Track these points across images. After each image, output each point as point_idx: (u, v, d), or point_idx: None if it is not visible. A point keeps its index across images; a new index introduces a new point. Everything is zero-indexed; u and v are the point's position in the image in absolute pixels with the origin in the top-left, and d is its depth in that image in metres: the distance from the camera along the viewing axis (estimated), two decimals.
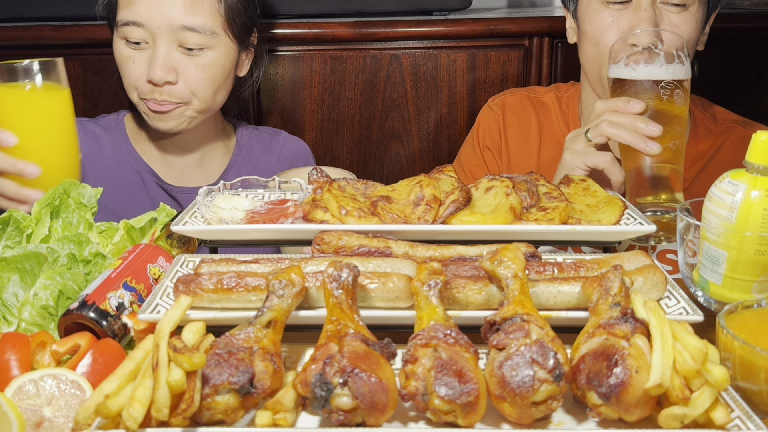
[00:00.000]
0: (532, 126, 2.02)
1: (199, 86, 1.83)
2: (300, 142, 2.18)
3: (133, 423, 0.85)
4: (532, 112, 2.03)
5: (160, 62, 1.77)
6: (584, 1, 1.83)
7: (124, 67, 1.83)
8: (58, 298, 1.19)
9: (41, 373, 1.01)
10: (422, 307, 1.00)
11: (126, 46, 1.81)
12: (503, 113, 2.05)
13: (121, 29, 1.80)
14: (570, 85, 2.07)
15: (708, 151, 1.90)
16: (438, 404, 0.89)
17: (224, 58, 1.86)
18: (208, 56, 1.82)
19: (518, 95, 2.07)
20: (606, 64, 1.79)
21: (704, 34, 1.83)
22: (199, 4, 1.79)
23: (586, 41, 1.85)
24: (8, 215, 1.33)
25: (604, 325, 0.96)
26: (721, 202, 1.15)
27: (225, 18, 1.83)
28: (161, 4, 1.76)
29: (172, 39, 1.78)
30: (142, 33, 1.78)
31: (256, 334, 0.96)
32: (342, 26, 2.36)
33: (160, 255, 1.28)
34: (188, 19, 1.77)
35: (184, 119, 1.87)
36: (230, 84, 1.94)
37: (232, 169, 2.05)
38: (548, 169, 1.98)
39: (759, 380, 0.96)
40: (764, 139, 1.13)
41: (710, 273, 1.19)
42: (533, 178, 1.38)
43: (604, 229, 1.24)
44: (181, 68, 1.80)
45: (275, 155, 2.09)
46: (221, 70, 1.86)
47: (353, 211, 1.24)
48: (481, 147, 2.07)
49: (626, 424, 0.93)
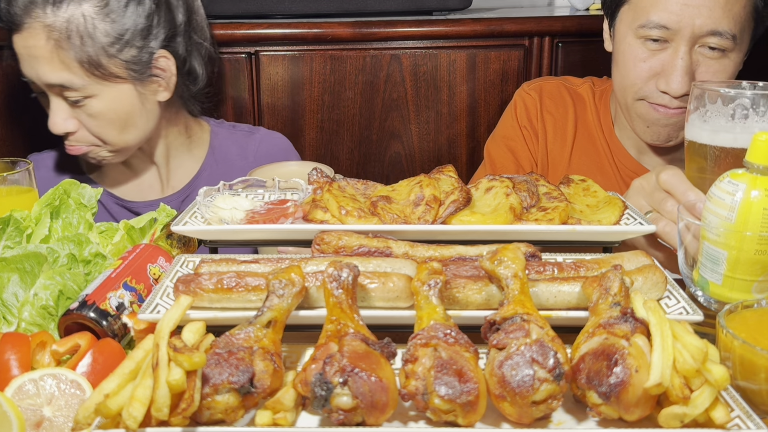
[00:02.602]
0: (568, 114, 2.00)
1: (100, 132, 1.81)
2: (279, 137, 2.14)
3: (133, 422, 0.85)
4: (569, 101, 2.01)
5: (53, 116, 1.79)
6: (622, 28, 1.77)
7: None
8: (58, 298, 1.19)
9: (41, 372, 1.01)
10: (422, 306, 1.00)
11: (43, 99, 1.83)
12: (540, 98, 2.03)
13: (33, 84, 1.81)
14: (604, 80, 2.06)
15: None
16: (438, 404, 0.90)
17: (114, 101, 1.80)
18: (94, 105, 1.78)
19: (555, 83, 2.05)
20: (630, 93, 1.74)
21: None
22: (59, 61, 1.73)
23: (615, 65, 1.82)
24: (8, 215, 1.33)
25: (604, 325, 0.96)
26: (721, 201, 1.15)
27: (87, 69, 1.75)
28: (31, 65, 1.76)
29: (58, 92, 1.78)
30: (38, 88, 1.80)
31: (256, 334, 0.96)
32: (342, 26, 2.36)
33: (160, 255, 1.28)
34: (54, 76, 1.74)
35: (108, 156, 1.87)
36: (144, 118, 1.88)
37: (203, 176, 2.01)
38: (579, 159, 1.97)
39: (759, 380, 0.96)
40: (764, 139, 1.13)
41: (710, 273, 1.18)
42: (533, 179, 1.38)
43: (604, 229, 1.24)
44: (78, 116, 1.80)
45: (251, 155, 2.05)
46: (115, 114, 1.81)
47: (353, 211, 1.24)
48: (520, 126, 2.04)
49: (626, 424, 0.93)
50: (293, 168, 1.71)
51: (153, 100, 1.88)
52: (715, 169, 1.34)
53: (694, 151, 1.39)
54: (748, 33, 1.70)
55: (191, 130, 2.06)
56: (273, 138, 2.12)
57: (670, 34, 1.68)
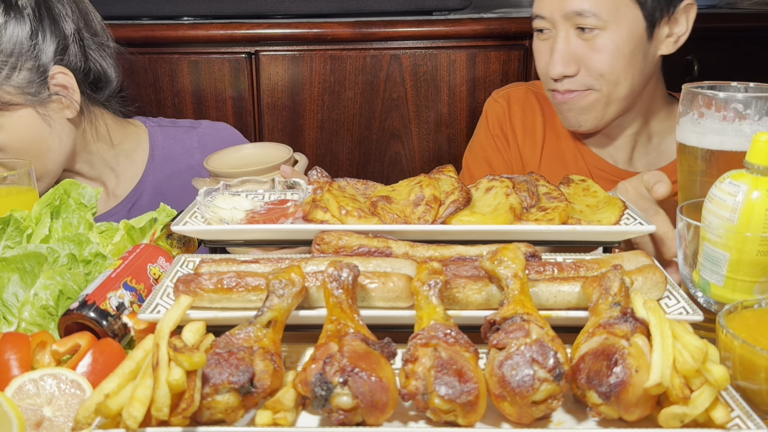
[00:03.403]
0: (536, 119, 2.02)
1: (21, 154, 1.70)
2: (224, 127, 2.04)
3: (133, 422, 0.85)
4: (537, 105, 2.03)
5: None
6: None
7: None
8: (58, 298, 1.19)
9: (41, 372, 1.01)
10: (422, 306, 1.00)
11: None
12: (508, 105, 2.05)
13: None
14: None
15: None
16: (438, 403, 0.90)
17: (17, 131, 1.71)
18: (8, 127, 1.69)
19: (522, 89, 2.07)
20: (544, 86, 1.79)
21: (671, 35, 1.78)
22: None
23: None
24: (8, 215, 1.33)
25: (604, 325, 0.96)
26: (722, 203, 1.15)
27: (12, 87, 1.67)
28: None
29: None
30: None
31: (256, 334, 0.96)
32: (342, 26, 2.37)
33: (160, 255, 1.28)
34: None
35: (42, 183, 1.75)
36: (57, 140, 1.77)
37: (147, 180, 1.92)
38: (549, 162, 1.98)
39: (759, 380, 0.96)
40: (765, 139, 1.13)
41: (711, 274, 1.18)
42: (533, 179, 1.38)
43: (604, 229, 1.24)
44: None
45: (196, 151, 1.96)
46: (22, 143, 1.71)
47: (353, 211, 1.24)
48: (492, 135, 2.07)
49: (626, 424, 0.93)
50: (249, 151, 1.67)
51: (61, 119, 1.77)
52: (705, 170, 1.35)
53: (684, 152, 1.40)
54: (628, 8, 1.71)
55: (124, 136, 1.95)
56: (217, 130, 2.02)
57: (547, 22, 1.76)
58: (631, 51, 1.72)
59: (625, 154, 1.94)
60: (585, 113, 1.80)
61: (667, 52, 1.80)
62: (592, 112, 1.79)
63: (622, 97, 1.78)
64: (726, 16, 2.55)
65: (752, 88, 1.39)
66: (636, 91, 1.79)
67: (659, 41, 1.77)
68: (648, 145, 1.94)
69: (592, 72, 1.74)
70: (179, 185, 1.52)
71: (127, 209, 1.89)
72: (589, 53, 1.72)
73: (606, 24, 1.69)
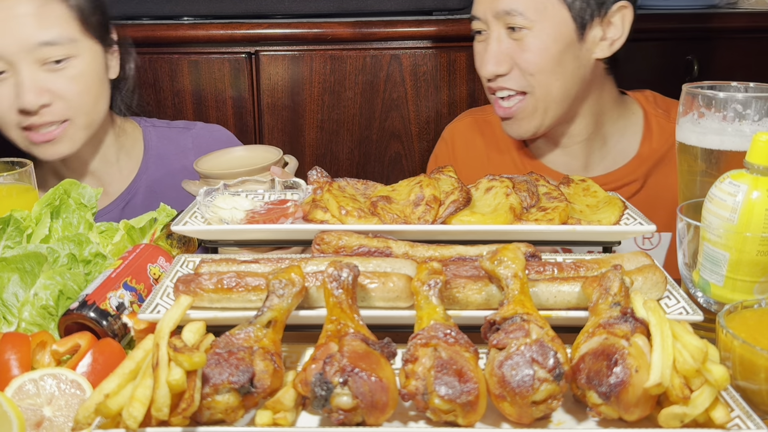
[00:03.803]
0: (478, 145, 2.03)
1: (77, 100, 1.72)
2: (218, 129, 2.05)
3: (133, 422, 0.85)
4: (478, 134, 2.03)
5: (28, 87, 1.65)
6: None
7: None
8: (58, 298, 1.19)
9: (41, 372, 1.01)
10: (422, 306, 1.00)
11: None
12: (453, 142, 2.07)
13: None
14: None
15: (659, 149, 1.88)
16: (438, 403, 0.90)
17: (92, 63, 1.75)
18: (76, 66, 1.71)
19: (467, 120, 2.08)
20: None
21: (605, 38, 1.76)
22: (50, 15, 1.68)
23: None
24: (8, 215, 1.33)
25: (604, 325, 0.96)
26: (722, 203, 1.15)
27: (80, 21, 1.72)
28: (10, 28, 1.64)
29: (33, 59, 1.66)
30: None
31: (256, 334, 0.96)
32: (342, 26, 2.37)
33: (160, 255, 1.28)
34: (43, 33, 1.66)
35: (72, 141, 1.76)
36: (107, 90, 1.82)
37: (141, 179, 1.92)
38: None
39: (759, 380, 0.96)
40: (765, 139, 1.13)
41: (711, 274, 1.18)
42: (533, 179, 1.38)
43: (604, 229, 1.24)
44: (52, 87, 1.69)
45: (190, 152, 1.96)
46: (94, 76, 1.75)
47: (353, 211, 1.24)
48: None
49: (626, 424, 0.93)
50: (240, 153, 1.68)
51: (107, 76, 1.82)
52: (705, 170, 1.35)
53: (684, 152, 1.40)
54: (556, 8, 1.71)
55: (124, 132, 1.96)
56: (211, 132, 2.03)
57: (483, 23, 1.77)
58: (559, 51, 1.72)
59: (581, 161, 1.92)
60: (527, 121, 1.79)
61: (603, 56, 1.77)
62: (533, 120, 1.79)
63: (558, 100, 1.76)
64: (726, 16, 2.55)
65: (752, 88, 1.39)
66: (572, 94, 1.78)
67: (592, 44, 1.75)
68: (603, 148, 1.92)
69: (523, 72, 1.74)
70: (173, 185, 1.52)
71: (120, 207, 1.89)
72: (519, 52, 1.73)
73: (533, 23, 1.70)
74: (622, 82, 1.98)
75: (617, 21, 1.75)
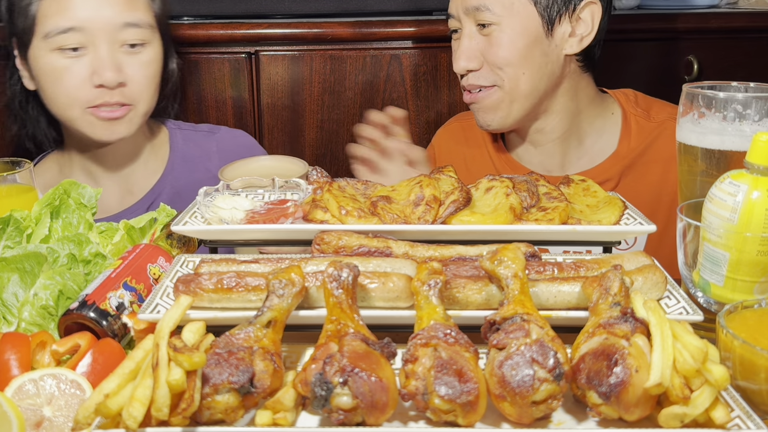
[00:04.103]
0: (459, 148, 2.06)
1: (144, 86, 1.78)
2: (242, 135, 2.09)
3: (133, 422, 0.85)
4: (462, 139, 2.06)
5: (108, 64, 1.70)
6: None
7: (60, 80, 1.72)
8: (58, 298, 1.19)
9: (41, 372, 1.01)
10: (422, 306, 1.00)
11: (61, 56, 1.71)
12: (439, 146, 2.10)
13: (54, 38, 1.69)
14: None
15: (637, 148, 1.88)
16: (438, 404, 0.89)
17: (159, 53, 1.82)
18: (149, 52, 1.78)
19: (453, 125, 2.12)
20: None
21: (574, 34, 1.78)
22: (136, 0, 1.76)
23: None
24: (8, 215, 1.33)
25: (604, 325, 0.96)
26: (722, 203, 1.15)
27: (155, 12, 1.81)
28: (101, 4, 1.70)
29: (114, 39, 1.72)
30: (80, 38, 1.70)
31: (256, 334, 0.96)
32: (342, 26, 2.36)
33: (160, 255, 1.28)
34: (128, 15, 1.73)
35: (131, 125, 1.80)
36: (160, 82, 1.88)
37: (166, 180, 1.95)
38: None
39: (759, 380, 0.96)
40: (765, 139, 1.13)
41: (711, 274, 1.18)
42: (533, 179, 1.38)
43: (604, 229, 1.24)
44: (126, 68, 1.74)
45: (214, 155, 2.00)
46: (157, 66, 1.82)
47: (353, 211, 1.24)
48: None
49: (626, 424, 0.93)
50: (265, 162, 1.69)
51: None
52: (705, 170, 1.36)
53: (684, 152, 1.40)
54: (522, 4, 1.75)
55: (152, 132, 1.99)
56: (235, 136, 2.07)
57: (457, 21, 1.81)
58: (526, 45, 1.75)
59: (557, 160, 1.93)
60: (492, 111, 1.83)
61: (572, 52, 1.79)
62: (499, 111, 1.82)
63: (525, 94, 1.79)
64: (726, 16, 2.55)
65: (752, 88, 1.39)
66: (540, 89, 1.80)
67: (561, 40, 1.78)
68: (580, 147, 1.93)
69: (492, 66, 1.77)
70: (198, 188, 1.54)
71: (145, 207, 1.90)
72: (488, 48, 1.77)
73: (501, 19, 1.74)
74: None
75: (586, 17, 1.77)
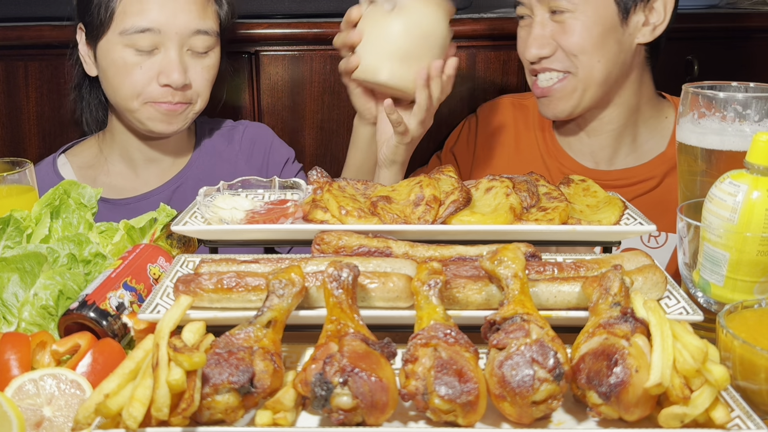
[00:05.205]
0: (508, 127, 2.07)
1: (203, 87, 1.90)
2: (263, 126, 2.20)
3: (133, 422, 0.85)
4: (511, 116, 2.08)
5: (177, 66, 1.81)
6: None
7: (129, 74, 1.83)
8: (58, 298, 1.19)
9: (41, 372, 1.01)
10: (422, 306, 1.00)
11: (134, 52, 1.81)
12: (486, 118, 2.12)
13: (130, 36, 1.79)
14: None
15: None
16: (438, 404, 0.90)
17: (219, 58, 1.94)
18: (212, 58, 1.90)
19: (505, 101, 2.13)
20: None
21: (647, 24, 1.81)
22: (208, 8, 1.88)
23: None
24: (8, 215, 1.33)
25: (604, 325, 0.96)
26: (722, 203, 1.15)
27: (221, 19, 1.94)
28: (177, 10, 1.81)
29: (183, 43, 1.83)
30: (155, 39, 1.80)
31: (256, 334, 0.96)
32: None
33: (160, 255, 1.28)
34: (201, 23, 1.84)
35: (185, 121, 1.92)
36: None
37: (195, 165, 2.05)
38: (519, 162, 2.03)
39: (759, 380, 0.96)
40: (765, 139, 1.13)
41: (711, 274, 1.18)
42: (533, 179, 1.38)
43: (604, 229, 1.24)
44: (190, 71, 1.86)
45: (237, 144, 2.11)
46: (216, 70, 1.94)
47: (353, 211, 1.24)
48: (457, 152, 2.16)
49: (626, 424, 0.93)
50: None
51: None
52: (705, 170, 1.36)
53: (684, 152, 1.40)
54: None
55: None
56: (257, 127, 2.18)
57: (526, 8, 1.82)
58: (600, 33, 1.76)
59: (608, 153, 1.95)
60: (564, 100, 1.83)
61: (644, 41, 1.81)
62: (571, 100, 1.82)
63: (599, 82, 1.80)
64: (726, 16, 2.55)
65: (752, 88, 1.39)
66: (612, 77, 1.81)
67: (635, 29, 1.79)
68: (633, 144, 1.95)
69: (567, 53, 1.78)
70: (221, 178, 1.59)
71: (172, 190, 2.00)
72: (561, 34, 1.77)
73: (576, 6, 1.75)
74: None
75: (659, 6, 1.79)
